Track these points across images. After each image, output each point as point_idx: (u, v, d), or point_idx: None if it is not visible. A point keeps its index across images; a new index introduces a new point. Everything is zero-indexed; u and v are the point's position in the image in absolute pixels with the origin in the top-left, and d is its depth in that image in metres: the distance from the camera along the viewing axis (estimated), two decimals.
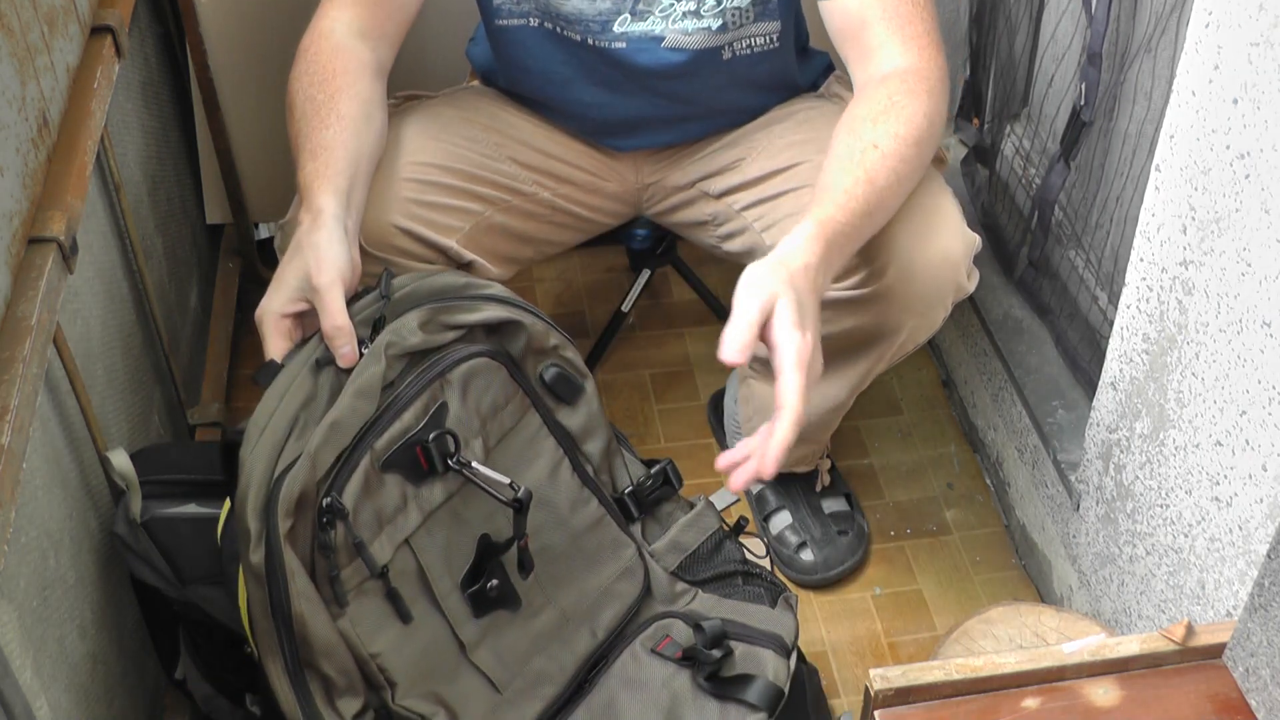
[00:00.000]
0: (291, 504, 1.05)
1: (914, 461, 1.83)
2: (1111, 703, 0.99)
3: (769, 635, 1.28)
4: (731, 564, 1.33)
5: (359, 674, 1.11)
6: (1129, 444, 1.33)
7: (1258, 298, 1.07)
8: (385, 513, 1.11)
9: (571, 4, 1.37)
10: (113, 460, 1.23)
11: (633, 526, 1.30)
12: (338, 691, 1.09)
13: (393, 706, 1.12)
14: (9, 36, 1.08)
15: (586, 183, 1.53)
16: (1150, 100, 1.38)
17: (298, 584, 1.06)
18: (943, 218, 1.31)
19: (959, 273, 1.33)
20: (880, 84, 1.29)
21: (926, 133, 1.26)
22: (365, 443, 1.09)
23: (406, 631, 1.13)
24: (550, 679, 1.21)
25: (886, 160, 1.22)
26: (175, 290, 1.68)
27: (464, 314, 1.17)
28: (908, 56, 1.29)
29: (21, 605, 1.03)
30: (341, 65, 1.30)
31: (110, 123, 1.39)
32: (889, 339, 1.38)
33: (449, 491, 1.15)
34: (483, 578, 1.17)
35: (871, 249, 1.29)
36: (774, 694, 1.24)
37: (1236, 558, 1.16)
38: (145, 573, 1.25)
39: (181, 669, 1.35)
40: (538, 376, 1.24)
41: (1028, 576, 1.68)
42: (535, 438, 1.23)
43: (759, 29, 1.40)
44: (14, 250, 1.04)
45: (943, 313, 1.36)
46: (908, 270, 1.30)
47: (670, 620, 1.27)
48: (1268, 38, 1.00)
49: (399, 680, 1.12)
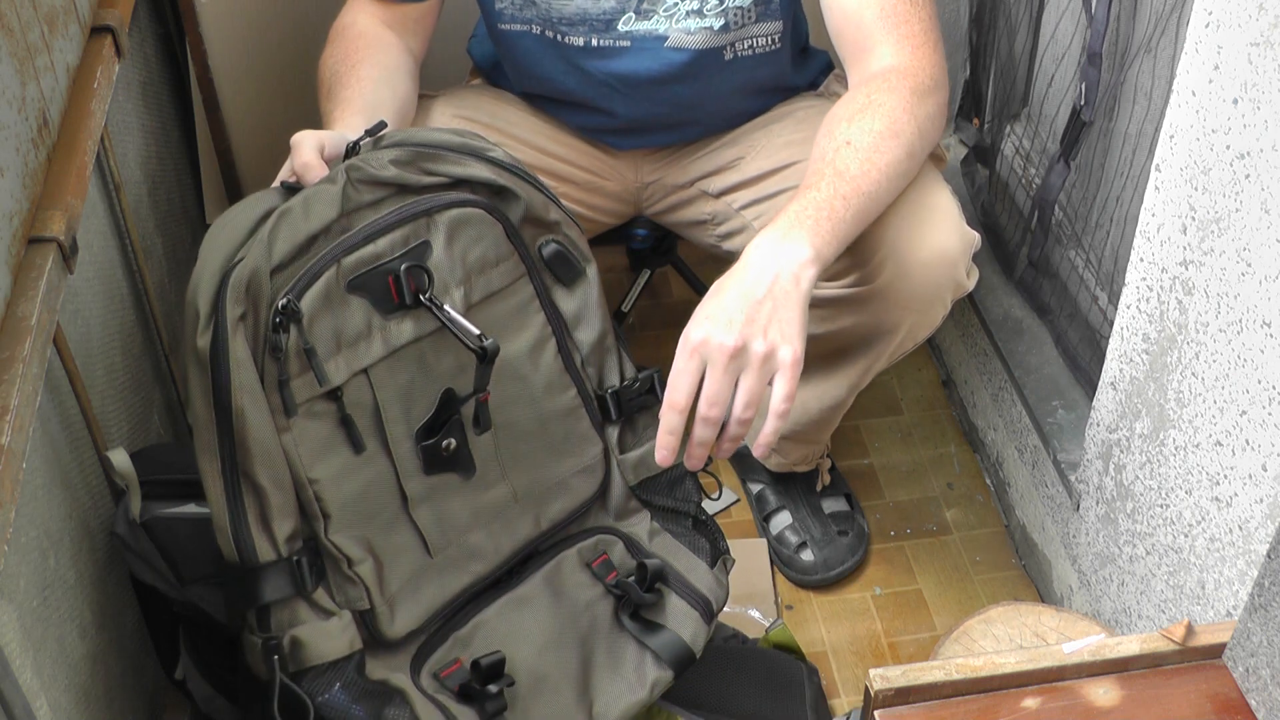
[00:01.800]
0: (242, 288, 1.02)
1: (914, 461, 1.83)
2: (1111, 703, 0.99)
3: (699, 596, 1.27)
4: (688, 504, 1.32)
5: (295, 496, 1.08)
6: (1129, 444, 1.33)
7: (1258, 298, 1.07)
8: (345, 334, 1.09)
9: (575, 5, 1.38)
10: (113, 460, 1.23)
11: (608, 428, 1.28)
12: (272, 509, 1.06)
13: (324, 540, 1.09)
14: (9, 36, 1.08)
15: (586, 181, 1.53)
16: (1150, 100, 1.38)
17: (242, 376, 1.03)
18: (940, 215, 1.31)
19: (957, 270, 1.32)
20: (865, 83, 1.30)
21: (908, 127, 1.25)
22: (331, 254, 1.07)
23: (350, 465, 1.10)
24: (483, 556, 1.19)
25: (859, 153, 1.22)
26: (175, 290, 1.68)
27: (446, 165, 1.15)
28: (899, 55, 1.29)
29: (21, 605, 1.03)
30: (366, 43, 1.36)
31: (110, 123, 1.39)
32: (887, 337, 1.37)
33: (418, 333, 1.13)
34: (440, 432, 1.14)
35: (867, 246, 1.29)
36: (686, 657, 1.24)
37: (1236, 558, 1.16)
38: (145, 573, 1.25)
39: (181, 669, 1.35)
40: (536, 250, 1.22)
41: (1028, 576, 1.68)
42: (525, 309, 1.21)
43: (761, 29, 1.40)
44: (14, 250, 1.04)
45: (942, 310, 1.36)
46: (904, 267, 1.30)
47: (612, 538, 1.26)
48: (1268, 38, 1.00)
49: (333, 514, 1.09)
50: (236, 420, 1.03)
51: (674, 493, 1.32)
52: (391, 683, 1.12)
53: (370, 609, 1.11)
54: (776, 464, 1.67)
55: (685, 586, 1.26)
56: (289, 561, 1.08)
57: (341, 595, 1.10)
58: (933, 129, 1.30)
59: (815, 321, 1.40)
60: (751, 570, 1.66)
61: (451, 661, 1.15)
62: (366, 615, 1.11)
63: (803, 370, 1.48)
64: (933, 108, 1.29)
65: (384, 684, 1.11)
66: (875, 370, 1.45)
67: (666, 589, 1.25)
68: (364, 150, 1.13)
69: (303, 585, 1.08)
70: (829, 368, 1.47)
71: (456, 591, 1.17)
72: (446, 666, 1.15)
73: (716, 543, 1.32)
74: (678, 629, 1.24)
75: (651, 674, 1.22)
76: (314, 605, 1.09)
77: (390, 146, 1.14)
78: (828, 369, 1.48)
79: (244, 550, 1.06)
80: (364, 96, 1.29)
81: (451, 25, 1.54)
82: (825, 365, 1.47)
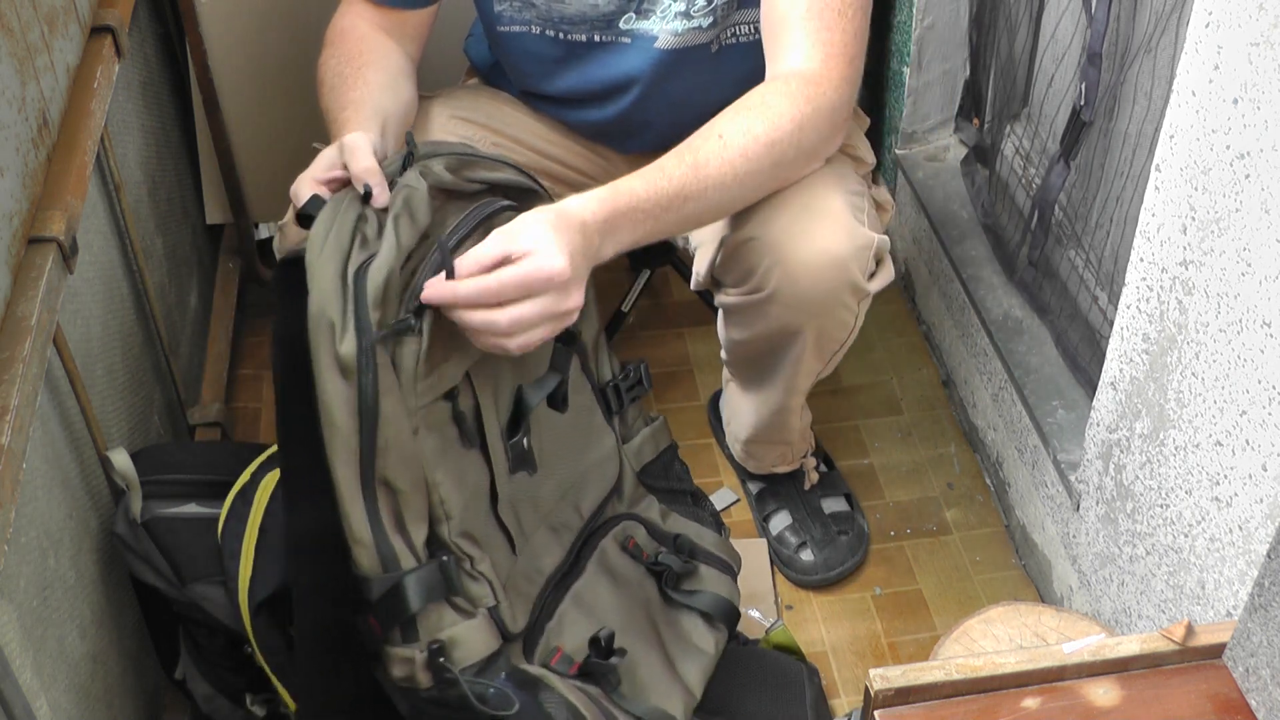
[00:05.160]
0: (379, 293, 1.00)
1: (914, 461, 1.83)
2: (1111, 703, 0.99)
3: (721, 559, 1.35)
4: (684, 482, 1.39)
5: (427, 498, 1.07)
6: (1129, 444, 1.33)
7: (1258, 298, 1.07)
8: (456, 334, 1.07)
9: (575, 7, 1.38)
10: (113, 460, 1.23)
11: (612, 419, 1.32)
12: (410, 513, 1.04)
13: (449, 540, 1.08)
14: (9, 36, 1.08)
15: (583, 183, 1.53)
16: (1150, 100, 1.38)
17: (387, 380, 1.00)
18: (828, 219, 1.30)
19: (848, 272, 1.31)
20: (769, 81, 1.30)
21: (790, 137, 1.25)
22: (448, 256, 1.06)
23: (464, 465, 1.10)
24: (550, 551, 1.22)
25: (726, 152, 1.22)
26: (175, 290, 1.68)
27: (485, 170, 1.16)
28: (810, 61, 1.28)
29: (21, 605, 1.03)
30: (368, 46, 1.36)
31: (110, 123, 1.39)
32: (797, 339, 1.38)
33: None
34: (520, 430, 1.15)
35: (755, 253, 1.31)
36: (733, 613, 1.33)
37: (1236, 558, 1.16)
38: (145, 573, 1.25)
39: (181, 669, 1.35)
40: None
41: (1028, 576, 1.68)
42: None
43: (743, 16, 1.41)
44: (14, 250, 1.04)
45: (845, 312, 1.35)
46: (789, 271, 1.30)
47: (634, 523, 1.31)
48: (1268, 38, 1.00)
49: (454, 515, 1.09)
50: (382, 424, 1.01)
51: (669, 474, 1.37)
52: (531, 672, 1.13)
53: (497, 604, 1.11)
54: (754, 466, 1.70)
55: (707, 555, 1.34)
56: (438, 563, 1.06)
57: (468, 595, 1.10)
58: (819, 141, 1.29)
59: (736, 327, 1.44)
60: (751, 570, 1.66)
61: (553, 651, 1.17)
62: (493, 611, 1.11)
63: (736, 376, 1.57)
64: (820, 120, 1.27)
65: (528, 673, 1.12)
66: (811, 373, 1.46)
67: (694, 560, 1.32)
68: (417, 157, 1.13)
69: (453, 586, 1.07)
70: (764, 372, 1.49)
71: (541, 585, 1.19)
72: (550, 656, 1.17)
73: (715, 515, 1.40)
74: (717, 590, 1.31)
75: (710, 635, 1.31)
76: (455, 607, 1.08)
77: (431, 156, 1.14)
78: (756, 374, 1.52)
79: (387, 560, 1.03)
80: (373, 100, 1.29)
81: (448, 26, 1.54)
82: (760, 369, 1.50)
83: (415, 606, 1.04)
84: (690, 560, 1.30)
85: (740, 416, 1.63)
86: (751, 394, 1.56)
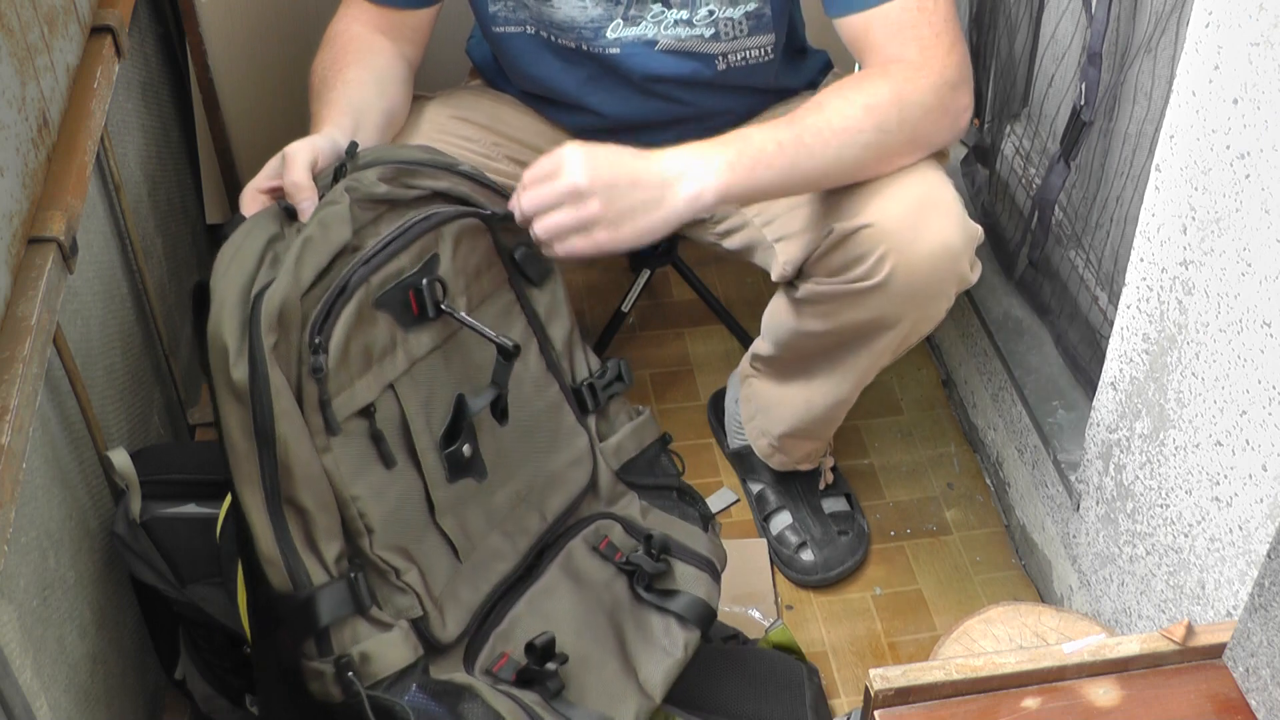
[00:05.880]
0: (273, 318, 1.02)
1: (914, 461, 1.83)
2: (1111, 703, 0.99)
3: (702, 558, 1.32)
4: (669, 478, 1.36)
5: (339, 516, 1.08)
6: (1129, 444, 1.33)
7: (1258, 298, 1.07)
8: (374, 351, 1.10)
9: (564, 12, 1.38)
10: (113, 460, 1.23)
11: (587, 418, 1.31)
12: (319, 531, 1.06)
13: (370, 554, 1.09)
14: (9, 36, 1.08)
15: None
16: (1150, 100, 1.38)
17: (282, 403, 1.02)
18: (943, 209, 1.31)
19: (960, 263, 1.32)
20: (867, 68, 1.31)
21: (889, 105, 1.26)
22: (359, 274, 1.08)
23: (386, 479, 1.11)
24: (503, 556, 1.21)
25: (824, 114, 1.24)
26: (175, 290, 1.68)
27: (424, 179, 1.17)
28: (905, 54, 1.29)
29: (21, 605, 1.03)
30: (357, 47, 1.36)
31: (110, 123, 1.39)
32: (890, 331, 1.38)
33: (435, 343, 1.15)
34: (459, 439, 1.15)
35: (868, 241, 1.29)
36: (707, 613, 1.28)
37: (1236, 558, 1.16)
38: (145, 573, 1.25)
39: (181, 669, 1.35)
40: (509, 254, 1.24)
41: (1028, 576, 1.68)
42: (509, 312, 1.24)
43: (754, 42, 1.41)
44: (14, 250, 1.04)
45: (945, 304, 1.36)
46: (907, 262, 1.30)
47: (610, 522, 1.29)
48: (1268, 38, 1.00)
49: (376, 528, 1.10)
50: (280, 447, 1.03)
51: (653, 470, 1.35)
52: (456, 681, 1.13)
53: (424, 615, 1.12)
54: (780, 463, 1.68)
55: (687, 552, 1.31)
56: (346, 579, 1.07)
57: (392, 607, 1.11)
58: (924, 120, 1.28)
59: (817, 318, 1.41)
60: (751, 570, 1.66)
61: (499, 656, 1.17)
62: (420, 622, 1.12)
63: (808, 367, 1.51)
64: (922, 96, 1.28)
65: (450, 682, 1.12)
66: (880, 365, 1.45)
67: (671, 558, 1.29)
68: (350, 170, 1.14)
69: (362, 601, 1.08)
70: (833, 364, 1.47)
71: (487, 592, 1.19)
72: (495, 662, 1.16)
73: (702, 510, 1.37)
74: (692, 591, 1.28)
75: (680, 636, 1.27)
76: (372, 620, 1.09)
77: (370, 166, 1.14)
78: (832, 365, 1.48)
79: (297, 577, 1.05)
80: (349, 99, 1.29)
81: (450, 26, 1.54)
82: (829, 361, 1.47)
83: (325, 621, 1.05)
84: (664, 558, 1.28)
85: (779, 409, 1.60)
86: (803, 386, 1.53)
